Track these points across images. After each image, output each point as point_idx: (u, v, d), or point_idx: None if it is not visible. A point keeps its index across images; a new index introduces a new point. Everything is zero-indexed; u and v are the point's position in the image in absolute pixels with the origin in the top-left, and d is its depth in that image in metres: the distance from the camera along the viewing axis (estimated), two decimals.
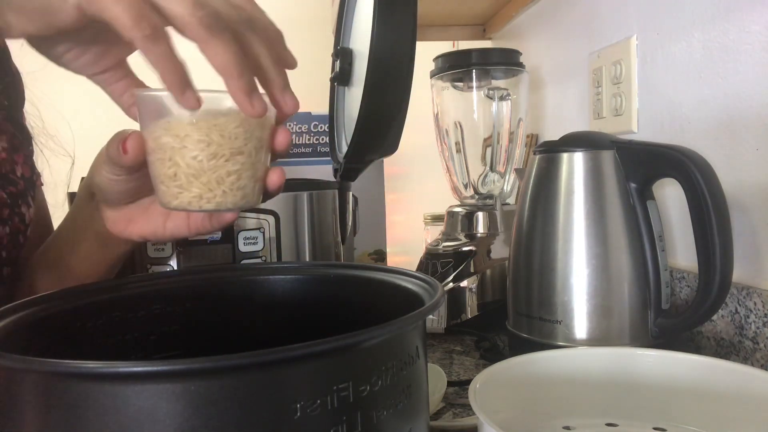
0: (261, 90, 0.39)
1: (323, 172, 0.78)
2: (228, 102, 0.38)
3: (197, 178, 0.38)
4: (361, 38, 0.68)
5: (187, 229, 0.48)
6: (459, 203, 1.04)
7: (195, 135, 0.38)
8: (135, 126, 0.42)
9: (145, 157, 0.41)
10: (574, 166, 0.65)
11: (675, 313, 0.64)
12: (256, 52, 0.39)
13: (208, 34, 0.36)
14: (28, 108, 0.66)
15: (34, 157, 0.63)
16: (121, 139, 0.41)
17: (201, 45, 0.36)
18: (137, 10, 0.34)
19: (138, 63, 0.40)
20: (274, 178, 0.42)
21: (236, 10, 0.38)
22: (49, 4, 0.36)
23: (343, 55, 0.72)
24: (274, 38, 0.41)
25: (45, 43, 0.40)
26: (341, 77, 0.72)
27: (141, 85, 0.44)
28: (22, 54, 0.48)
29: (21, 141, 0.60)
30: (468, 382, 0.49)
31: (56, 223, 0.63)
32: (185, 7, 0.35)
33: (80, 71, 0.43)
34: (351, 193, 0.77)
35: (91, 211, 0.51)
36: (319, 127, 1.12)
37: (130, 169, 0.43)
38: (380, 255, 1.15)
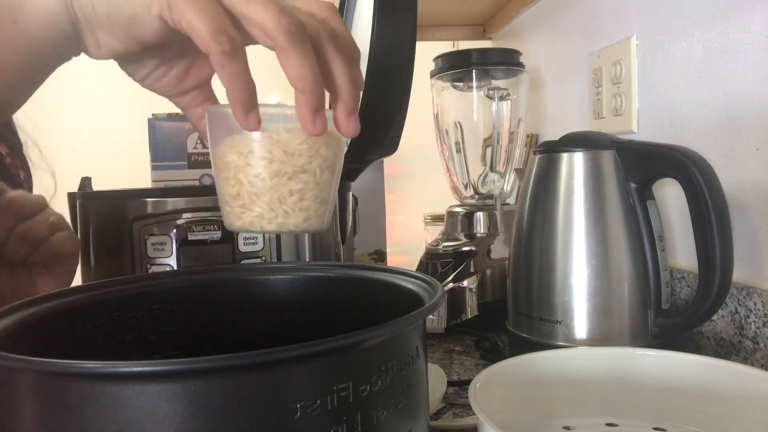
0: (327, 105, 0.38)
1: None
2: (293, 118, 0.37)
3: (259, 197, 0.38)
4: (361, 38, 0.68)
5: None
6: (459, 203, 1.04)
7: (258, 152, 0.37)
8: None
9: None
10: (574, 166, 0.65)
11: (675, 313, 0.64)
12: (332, 68, 0.38)
13: (289, 43, 0.35)
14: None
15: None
16: None
17: (280, 54, 0.35)
18: (217, 24, 0.34)
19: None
20: None
21: (320, 23, 0.37)
22: (133, 15, 0.36)
23: None
24: (352, 56, 0.39)
25: (133, 63, 0.41)
26: None
27: None
28: None
29: (18, 148, 0.61)
30: (468, 382, 0.49)
31: None
32: (270, 13, 0.34)
33: (164, 92, 0.43)
34: (351, 193, 0.77)
35: None
36: None
37: None
38: (380, 255, 1.15)
